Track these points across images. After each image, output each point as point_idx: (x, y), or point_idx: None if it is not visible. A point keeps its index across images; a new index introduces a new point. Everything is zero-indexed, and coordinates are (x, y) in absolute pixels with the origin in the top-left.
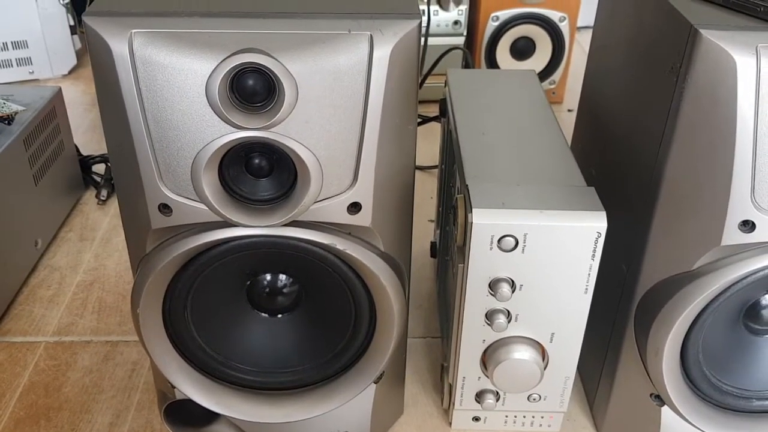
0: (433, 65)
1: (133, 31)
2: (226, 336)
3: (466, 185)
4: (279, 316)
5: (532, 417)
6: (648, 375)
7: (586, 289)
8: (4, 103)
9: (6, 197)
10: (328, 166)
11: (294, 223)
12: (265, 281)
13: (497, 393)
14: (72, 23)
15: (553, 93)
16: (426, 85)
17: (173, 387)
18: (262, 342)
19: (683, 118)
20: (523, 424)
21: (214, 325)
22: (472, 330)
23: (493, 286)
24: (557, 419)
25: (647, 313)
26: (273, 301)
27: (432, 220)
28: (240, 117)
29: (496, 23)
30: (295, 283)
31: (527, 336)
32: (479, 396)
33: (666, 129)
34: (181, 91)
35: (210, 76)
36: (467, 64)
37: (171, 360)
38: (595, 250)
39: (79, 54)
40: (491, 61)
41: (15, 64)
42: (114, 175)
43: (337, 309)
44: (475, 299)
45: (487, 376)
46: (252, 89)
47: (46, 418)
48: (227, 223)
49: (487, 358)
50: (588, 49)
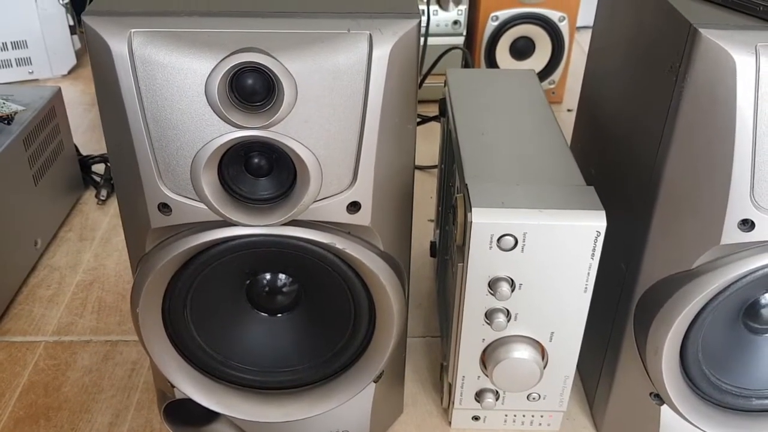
0: (433, 65)
1: (132, 30)
2: (225, 335)
3: (466, 185)
4: (278, 315)
5: (532, 416)
6: (647, 374)
7: (586, 288)
8: (4, 102)
9: (6, 197)
10: (328, 165)
11: (293, 223)
12: (265, 280)
13: (497, 392)
14: (71, 23)
15: (553, 93)
16: (425, 84)
17: (173, 386)
18: (262, 341)
19: (683, 118)
20: (522, 423)
21: (214, 324)
22: (471, 329)
23: (492, 285)
24: (557, 418)
25: (647, 312)
26: (272, 300)
27: (431, 220)
28: (239, 116)
29: (496, 23)
30: (294, 282)
31: (527, 335)
32: (479, 395)
33: (665, 128)
34: (180, 90)
35: (209, 75)
36: (467, 63)
37: (170, 359)
38: (594, 250)
39: (78, 54)
40: (491, 61)
41: (14, 64)
42: (113, 174)
43: (337, 308)
44: (474, 298)
45: (486, 375)
46: (251, 88)
47: (45, 417)
48: (227, 223)
49: (487, 358)
50: (587, 48)
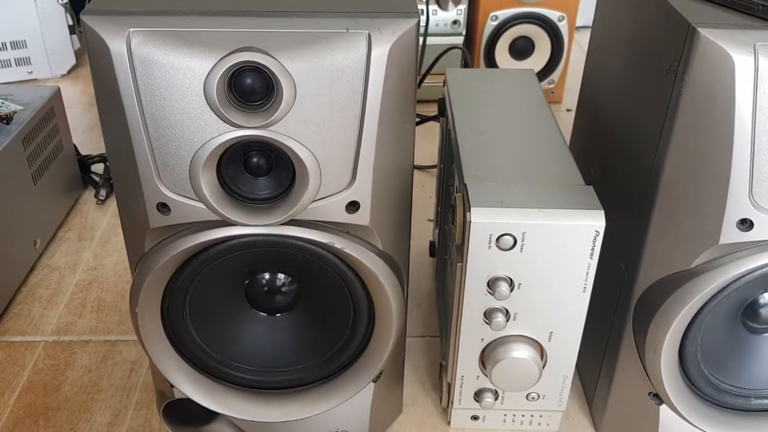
0: (432, 64)
1: (131, 29)
2: (224, 335)
3: (465, 184)
4: (277, 315)
5: (531, 416)
6: (646, 374)
7: (585, 287)
8: (3, 102)
9: (5, 197)
10: (327, 164)
11: (292, 222)
12: (264, 280)
13: (496, 392)
14: (71, 23)
15: (552, 92)
16: (425, 84)
17: (172, 386)
18: (261, 341)
19: (681, 117)
20: (521, 423)
21: (213, 324)
22: (470, 329)
23: (491, 284)
24: (556, 418)
25: (646, 311)
26: (271, 300)
27: (431, 220)
28: (238, 116)
29: (495, 23)
30: (293, 282)
31: (526, 335)
32: (478, 395)
33: (664, 128)
34: (179, 89)
35: (208, 74)
36: (466, 63)
37: (170, 359)
38: (593, 249)
39: (77, 54)
40: (490, 61)
41: (14, 63)
42: (112, 174)
43: (336, 308)
44: (473, 298)
45: (485, 375)
46: (250, 88)
47: (44, 417)
48: (226, 222)
49: (486, 357)
50: (587, 48)
